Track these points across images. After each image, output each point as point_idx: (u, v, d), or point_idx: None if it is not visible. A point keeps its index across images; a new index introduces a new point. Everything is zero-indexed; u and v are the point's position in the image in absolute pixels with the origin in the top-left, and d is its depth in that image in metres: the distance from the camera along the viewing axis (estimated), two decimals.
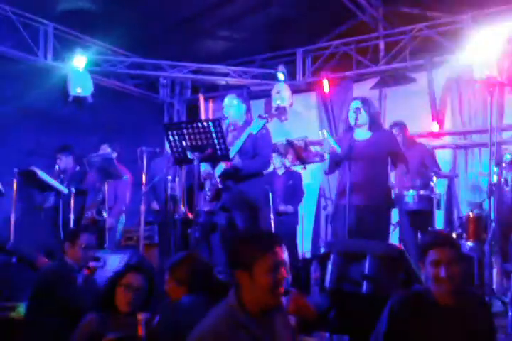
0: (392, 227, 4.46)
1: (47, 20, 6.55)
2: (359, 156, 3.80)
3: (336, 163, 3.95)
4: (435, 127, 6.46)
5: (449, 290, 2.19)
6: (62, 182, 5.49)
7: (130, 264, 3.46)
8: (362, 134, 3.95)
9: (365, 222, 3.73)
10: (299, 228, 6.06)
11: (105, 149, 5.53)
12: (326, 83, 6.92)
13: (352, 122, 3.89)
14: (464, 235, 4.26)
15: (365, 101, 3.96)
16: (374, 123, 3.95)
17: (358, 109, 3.88)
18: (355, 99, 4.04)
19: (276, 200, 5.74)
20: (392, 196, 4.33)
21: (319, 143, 7.18)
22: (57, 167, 5.72)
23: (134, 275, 2.59)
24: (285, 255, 1.94)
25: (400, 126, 5.15)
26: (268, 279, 1.87)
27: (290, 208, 5.82)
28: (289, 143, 4.77)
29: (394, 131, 5.02)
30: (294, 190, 5.93)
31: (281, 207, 5.75)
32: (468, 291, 2.33)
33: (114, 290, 2.57)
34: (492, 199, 3.48)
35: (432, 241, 2.27)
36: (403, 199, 4.73)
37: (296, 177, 6.00)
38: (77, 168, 5.76)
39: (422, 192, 4.62)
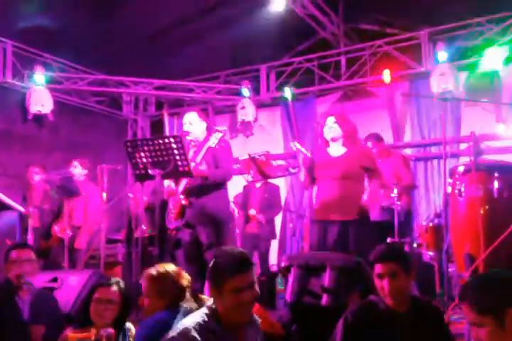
0: None
1: (5, 38, 6.47)
2: (333, 172, 3.78)
3: (311, 176, 3.89)
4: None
5: (392, 301, 2.26)
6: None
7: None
8: (336, 150, 3.92)
9: (344, 237, 3.68)
10: None
11: (76, 166, 5.43)
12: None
13: (327, 137, 3.90)
14: (424, 245, 4.34)
15: (339, 117, 3.94)
16: (349, 138, 3.89)
17: (332, 123, 3.86)
18: (331, 114, 3.99)
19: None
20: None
21: (282, 157, 7.32)
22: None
23: (105, 289, 2.65)
24: (255, 276, 2.05)
25: (375, 137, 5.18)
26: (234, 299, 1.97)
27: (261, 217, 5.69)
28: (251, 159, 4.79)
29: (369, 143, 5.06)
30: (269, 203, 5.83)
31: (251, 211, 5.64)
32: (422, 300, 2.38)
33: (89, 305, 2.62)
34: (447, 209, 3.56)
35: (375, 256, 2.34)
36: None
37: (274, 191, 5.93)
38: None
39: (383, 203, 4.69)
